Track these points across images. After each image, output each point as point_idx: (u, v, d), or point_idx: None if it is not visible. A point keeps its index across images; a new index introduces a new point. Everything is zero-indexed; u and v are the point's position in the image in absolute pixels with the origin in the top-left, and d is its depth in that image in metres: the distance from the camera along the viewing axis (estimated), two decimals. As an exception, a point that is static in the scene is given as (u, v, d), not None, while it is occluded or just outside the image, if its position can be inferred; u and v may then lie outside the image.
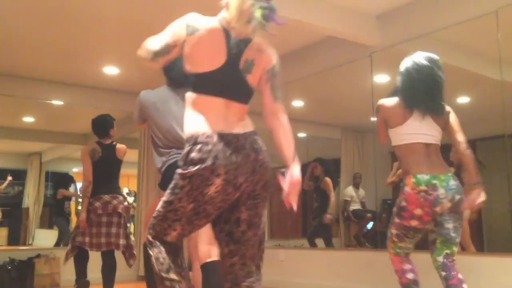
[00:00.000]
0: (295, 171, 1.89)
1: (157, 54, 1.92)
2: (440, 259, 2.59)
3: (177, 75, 2.86)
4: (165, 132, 2.77)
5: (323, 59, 5.18)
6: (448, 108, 2.89)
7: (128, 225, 4.11)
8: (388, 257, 2.87)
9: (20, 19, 4.54)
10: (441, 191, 2.57)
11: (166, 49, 1.90)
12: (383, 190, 5.02)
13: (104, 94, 6.78)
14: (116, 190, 4.14)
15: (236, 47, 1.86)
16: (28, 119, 7.37)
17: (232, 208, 1.88)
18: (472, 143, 4.49)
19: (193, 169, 1.76)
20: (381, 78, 4.95)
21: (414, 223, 2.65)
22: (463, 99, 5.14)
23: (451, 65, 4.54)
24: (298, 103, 6.28)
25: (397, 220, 2.71)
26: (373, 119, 4.70)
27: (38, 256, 5.85)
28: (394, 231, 2.75)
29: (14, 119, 7.18)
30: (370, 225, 5.65)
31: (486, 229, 4.35)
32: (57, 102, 6.65)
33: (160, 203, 1.89)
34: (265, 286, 5.89)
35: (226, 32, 1.86)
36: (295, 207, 1.85)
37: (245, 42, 1.89)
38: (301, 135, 7.53)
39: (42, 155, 8.06)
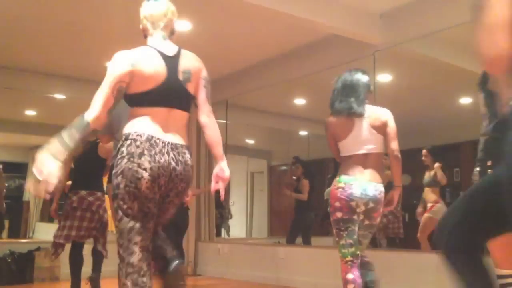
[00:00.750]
0: (223, 166, 2.24)
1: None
2: None
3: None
4: None
5: (326, 57, 5.18)
6: (387, 115, 2.98)
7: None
8: (384, 255, 2.88)
9: (23, 12, 4.54)
10: (355, 190, 2.80)
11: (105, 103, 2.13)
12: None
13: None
14: (96, 187, 4.20)
15: (172, 61, 2.21)
16: (30, 113, 7.37)
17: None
18: (475, 144, 4.51)
19: (123, 162, 2.04)
20: (384, 77, 4.94)
21: (338, 214, 2.83)
22: (466, 100, 5.14)
23: (454, 65, 4.54)
24: (300, 101, 6.28)
25: (331, 220, 2.90)
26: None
27: (38, 249, 5.86)
28: (334, 231, 2.90)
29: (15, 112, 7.19)
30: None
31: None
32: (59, 96, 6.66)
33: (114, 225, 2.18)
34: (265, 283, 5.91)
35: (159, 51, 2.22)
36: (222, 196, 2.30)
37: (177, 56, 2.26)
38: (303, 133, 7.53)
39: (43, 149, 8.07)
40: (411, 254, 4.37)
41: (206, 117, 2.26)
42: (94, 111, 2.09)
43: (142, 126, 2.09)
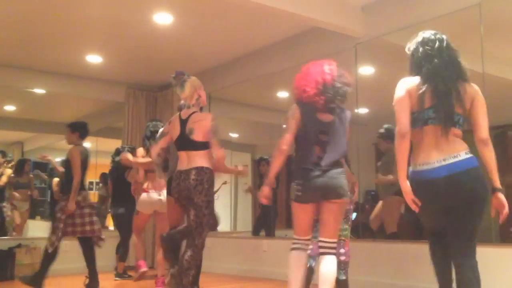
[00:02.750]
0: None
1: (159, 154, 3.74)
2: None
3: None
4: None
5: (308, 50, 5.18)
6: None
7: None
8: (369, 247, 2.90)
9: (1, 7, 4.46)
10: None
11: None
12: (367, 181, 5.06)
13: (87, 83, 6.70)
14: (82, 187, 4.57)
15: (182, 123, 3.51)
16: (9, 108, 7.24)
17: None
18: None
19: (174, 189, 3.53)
20: (366, 70, 4.97)
21: None
22: (446, 92, 5.18)
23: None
24: (283, 94, 6.28)
25: None
26: (357, 110, 4.73)
27: (19, 246, 5.80)
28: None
29: (-5, 107, 7.08)
30: (353, 216, 5.69)
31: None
32: (39, 91, 6.56)
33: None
34: (248, 276, 5.92)
35: (179, 116, 3.56)
36: None
37: (187, 118, 3.50)
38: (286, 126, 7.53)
39: (24, 145, 7.94)
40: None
41: (219, 161, 3.48)
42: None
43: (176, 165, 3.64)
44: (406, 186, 2.44)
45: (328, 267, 2.89)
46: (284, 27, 5.07)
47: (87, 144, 5.11)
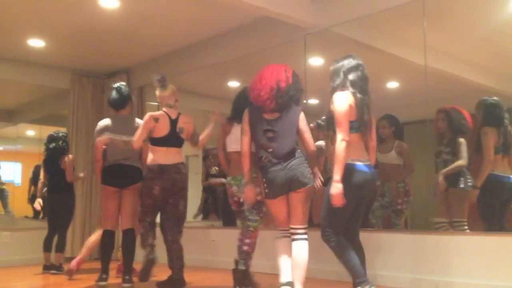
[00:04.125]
0: None
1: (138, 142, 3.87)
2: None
3: None
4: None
5: (258, 39, 5.19)
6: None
7: None
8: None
9: None
10: (234, 188, 3.78)
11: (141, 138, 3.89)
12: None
13: (30, 68, 6.43)
14: None
15: (172, 122, 3.90)
16: None
17: (165, 199, 3.90)
18: (401, 127, 4.71)
19: (147, 181, 3.88)
20: (315, 61, 5.03)
21: (233, 207, 3.88)
22: (392, 84, 5.34)
23: (381, 50, 4.69)
24: (234, 84, 6.27)
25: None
26: (306, 101, 4.78)
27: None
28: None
29: None
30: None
31: (411, 206, 4.59)
32: (-23, 76, 6.25)
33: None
34: (196, 266, 5.89)
35: (167, 115, 3.92)
36: None
37: (177, 118, 3.94)
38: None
39: (-37, 132, 7.58)
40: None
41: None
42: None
43: (154, 159, 3.93)
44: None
45: (300, 252, 3.08)
46: (235, 16, 5.05)
47: (30, 132, 4.94)
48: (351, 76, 3.03)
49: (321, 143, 4.49)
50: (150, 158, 3.88)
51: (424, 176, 4.53)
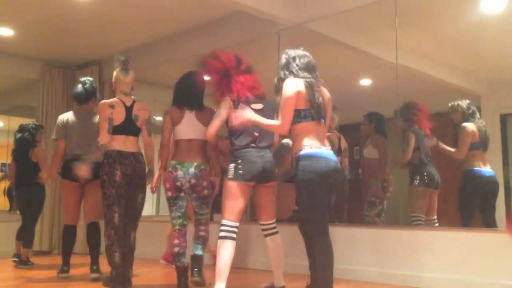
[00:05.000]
0: None
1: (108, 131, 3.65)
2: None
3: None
4: None
5: (232, 34, 5.17)
6: None
7: None
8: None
9: None
10: (179, 173, 3.49)
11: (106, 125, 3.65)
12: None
13: (-3, 58, 6.28)
14: None
15: (128, 110, 3.71)
16: None
17: (127, 188, 3.66)
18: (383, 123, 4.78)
19: (106, 167, 3.59)
20: (289, 56, 5.04)
21: (169, 193, 3.55)
22: (365, 81, 5.40)
23: (354, 47, 4.74)
24: (205, 77, 6.24)
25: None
26: (279, 98, 4.79)
27: None
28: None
29: None
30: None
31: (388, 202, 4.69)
32: None
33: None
34: (154, 258, 5.79)
35: (123, 102, 3.72)
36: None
37: (131, 105, 3.74)
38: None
39: None
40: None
41: (145, 146, 3.88)
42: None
43: (114, 146, 3.69)
44: None
45: (279, 245, 3.28)
46: (209, 9, 5.02)
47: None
48: (299, 63, 2.98)
49: (288, 140, 4.52)
50: (108, 145, 3.67)
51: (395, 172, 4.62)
